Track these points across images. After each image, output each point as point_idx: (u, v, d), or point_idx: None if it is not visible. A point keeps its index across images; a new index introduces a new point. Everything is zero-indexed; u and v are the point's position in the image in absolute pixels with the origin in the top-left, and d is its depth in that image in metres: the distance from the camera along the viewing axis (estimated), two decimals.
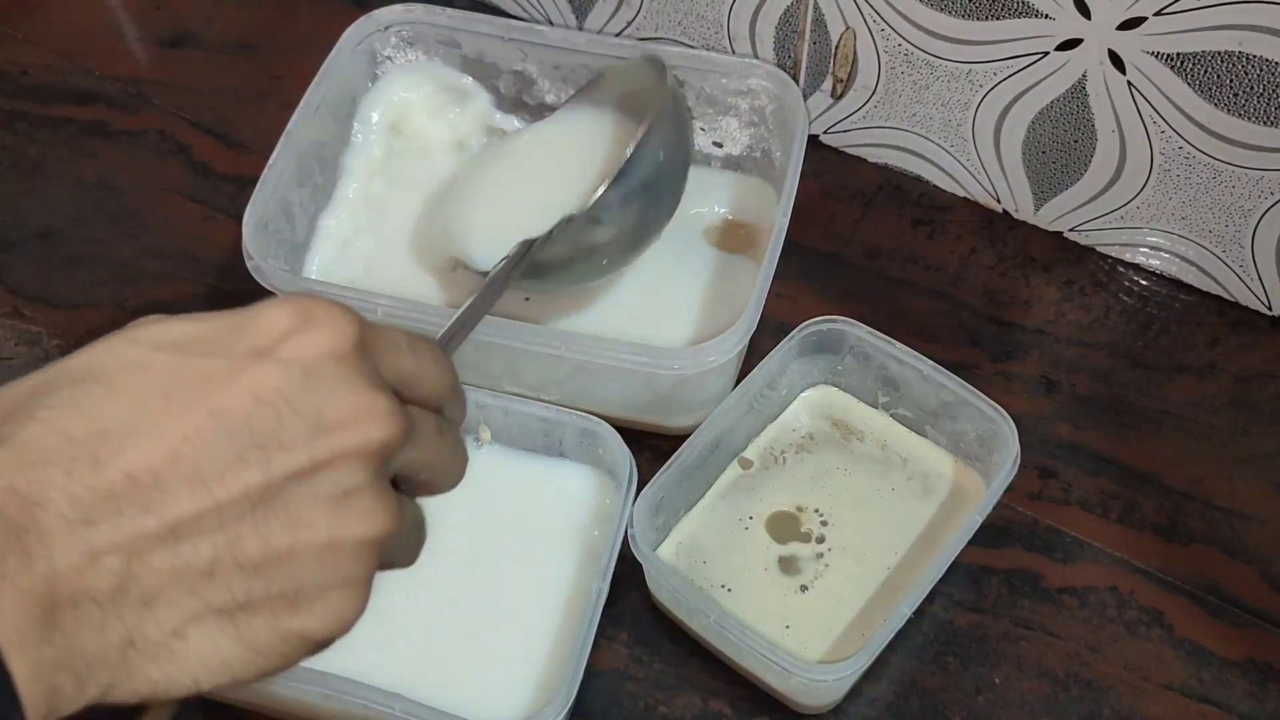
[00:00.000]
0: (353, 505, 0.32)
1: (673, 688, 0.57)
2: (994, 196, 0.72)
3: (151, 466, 0.30)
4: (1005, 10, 0.62)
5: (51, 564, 0.29)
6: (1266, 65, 0.57)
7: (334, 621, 0.33)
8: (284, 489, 0.31)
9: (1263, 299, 0.67)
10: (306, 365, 0.32)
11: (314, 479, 0.32)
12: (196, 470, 0.31)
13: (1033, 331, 0.68)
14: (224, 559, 0.31)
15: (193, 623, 0.31)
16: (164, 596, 0.30)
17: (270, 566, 0.31)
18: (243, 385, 0.32)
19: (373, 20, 0.70)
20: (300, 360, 0.32)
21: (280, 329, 0.33)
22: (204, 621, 0.31)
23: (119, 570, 0.30)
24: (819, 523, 0.60)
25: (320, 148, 0.68)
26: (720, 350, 0.58)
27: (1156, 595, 0.59)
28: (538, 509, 0.60)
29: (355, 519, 0.32)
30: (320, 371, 0.32)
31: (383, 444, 0.33)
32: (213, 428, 0.31)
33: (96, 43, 0.82)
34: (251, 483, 0.31)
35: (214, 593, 0.31)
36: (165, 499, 0.30)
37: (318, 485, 0.32)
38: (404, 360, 0.35)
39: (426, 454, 0.36)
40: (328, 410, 0.32)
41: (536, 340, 0.59)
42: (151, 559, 0.30)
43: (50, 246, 0.72)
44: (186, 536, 0.30)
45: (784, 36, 0.71)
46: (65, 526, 0.29)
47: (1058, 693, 0.57)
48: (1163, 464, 0.63)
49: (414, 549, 0.38)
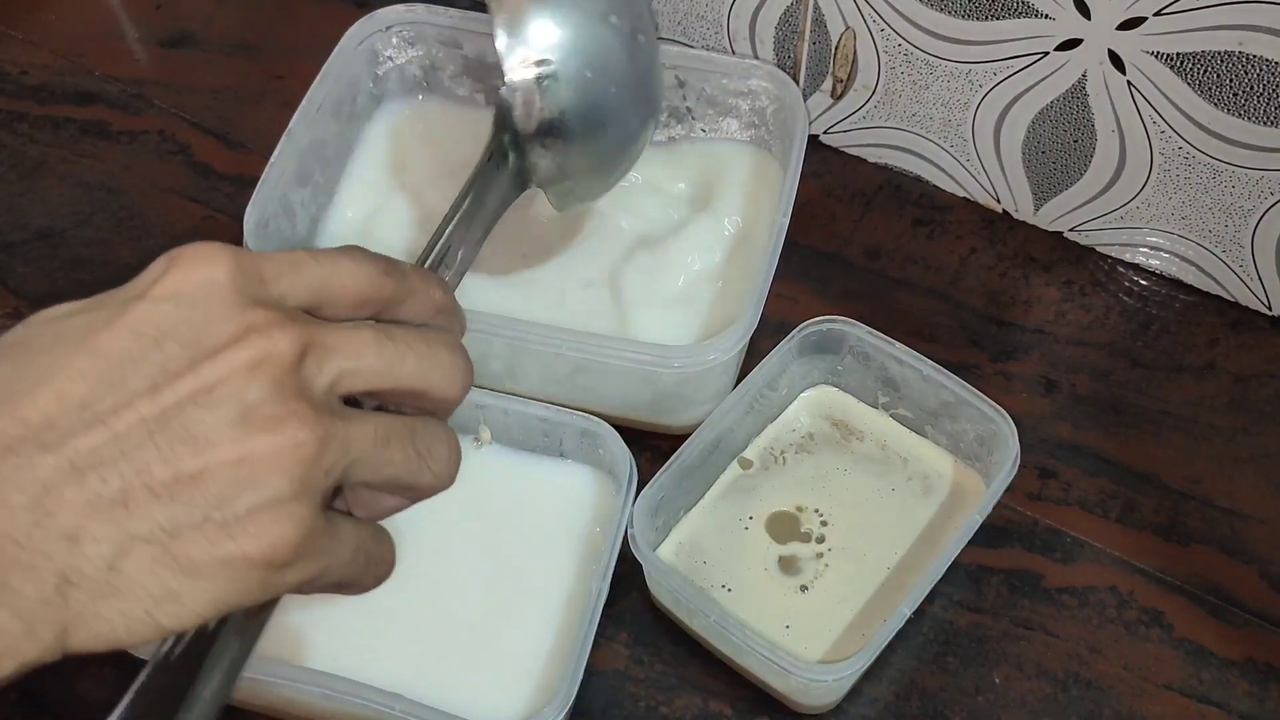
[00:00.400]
0: (255, 419, 0.32)
1: (673, 688, 0.57)
2: (994, 196, 0.72)
3: (41, 409, 0.31)
4: (1005, 10, 0.62)
5: None
6: (1266, 65, 0.57)
7: (272, 541, 0.32)
8: (181, 412, 0.32)
9: (1263, 299, 0.67)
10: (180, 297, 0.33)
11: (211, 399, 0.32)
12: (85, 405, 0.31)
13: (1033, 331, 0.68)
14: (135, 486, 0.31)
15: (123, 555, 0.31)
16: (86, 531, 0.31)
17: (185, 490, 0.32)
18: (120, 325, 0.32)
19: (374, 20, 0.70)
20: (172, 294, 0.33)
21: (153, 276, 0.34)
22: (134, 552, 0.31)
23: (29, 505, 0.31)
24: (819, 523, 0.60)
25: (322, 147, 0.68)
26: (721, 349, 0.58)
27: (1156, 595, 0.59)
28: (538, 509, 0.60)
29: (260, 431, 0.32)
30: (195, 301, 0.33)
31: (274, 355, 0.33)
32: (95, 365, 0.32)
33: (97, 43, 0.82)
34: (145, 410, 0.32)
35: (135, 522, 0.31)
36: (61, 436, 0.31)
37: (216, 406, 0.32)
38: (309, 272, 0.35)
39: (367, 361, 0.35)
40: (208, 335, 0.33)
41: (537, 338, 0.59)
42: (63, 493, 0.31)
43: (51, 247, 0.72)
44: (90, 469, 0.31)
45: (784, 36, 0.71)
46: None
47: (1058, 693, 0.57)
48: (1162, 464, 0.63)
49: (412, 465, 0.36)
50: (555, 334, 0.59)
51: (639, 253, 0.67)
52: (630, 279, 0.66)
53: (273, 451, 0.32)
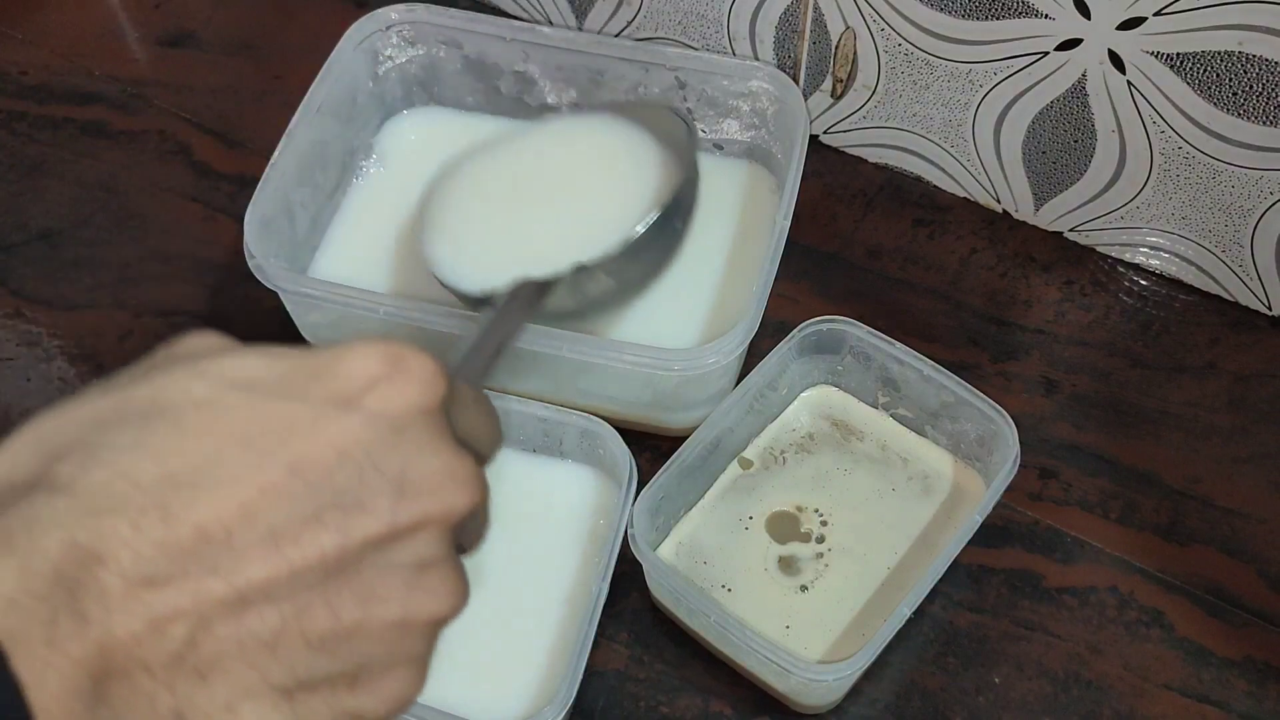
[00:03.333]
0: (428, 580, 0.30)
1: (673, 688, 0.57)
2: (994, 196, 0.72)
3: (224, 521, 0.27)
4: (1005, 10, 0.62)
5: (109, 630, 0.26)
6: (1266, 65, 0.57)
7: (393, 702, 0.30)
8: (360, 557, 0.29)
9: (1262, 299, 0.67)
10: (394, 420, 0.29)
11: (392, 548, 0.29)
12: (271, 529, 0.28)
13: (1033, 331, 0.68)
14: (290, 631, 0.28)
15: (248, 699, 0.28)
16: (221, 668, 0.28)
17: (337, 642, 0.29)
18: (325, 437, 0.29)
19: (374, 20, 0.70)
20: (387, 413, 0.29)
21: (366, 376, 0.30)
22: (259, 698, 0.28)
23: (182, 638, 0.27)
24: (819, 523, 0.60)
25: (322, 147, 0.68)
26: (722, 350, 0.58)
27: (1156, 595, 0.59)
28: (538, 509, 0.60)
29: (429, 595, 0.30)
30: (407, 428, 0.30)
31: (464, 511, 0.30)
32: (291, 482, 0.28)
33: (97, 43, 0.82)
34: (328, 547, 0.28)
35: (275, 668, 0.28)
36: (236, 560, 0.27)
37: (395, 555, 0.29)
38: (469, 417, 0.33)
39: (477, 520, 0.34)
40: (413, 471, 0.29)
41: (539, 340, 0.59)
42: (216, 627, 0.27)
43: (51, 247, 0.72)
44: (254, 604, 0.28)
45: (784, 36, 0.71)
46: (127, 587, 0.26)
47: (1058, 693, 0.57)
48: (1162, 464, 0.63)
49: None
50: (557, 336, 0.59)
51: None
52: None
53: (432, 618, 0.30)
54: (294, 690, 0.29)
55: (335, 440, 0.29)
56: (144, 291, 0.70)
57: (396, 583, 0.29)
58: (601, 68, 0.70)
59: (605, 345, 0.59)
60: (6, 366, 0.67)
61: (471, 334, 0.45)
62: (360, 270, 0.68)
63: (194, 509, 0.27)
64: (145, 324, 0.69)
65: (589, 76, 0.71)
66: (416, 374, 0.30)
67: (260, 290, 0.61)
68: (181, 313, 0.69)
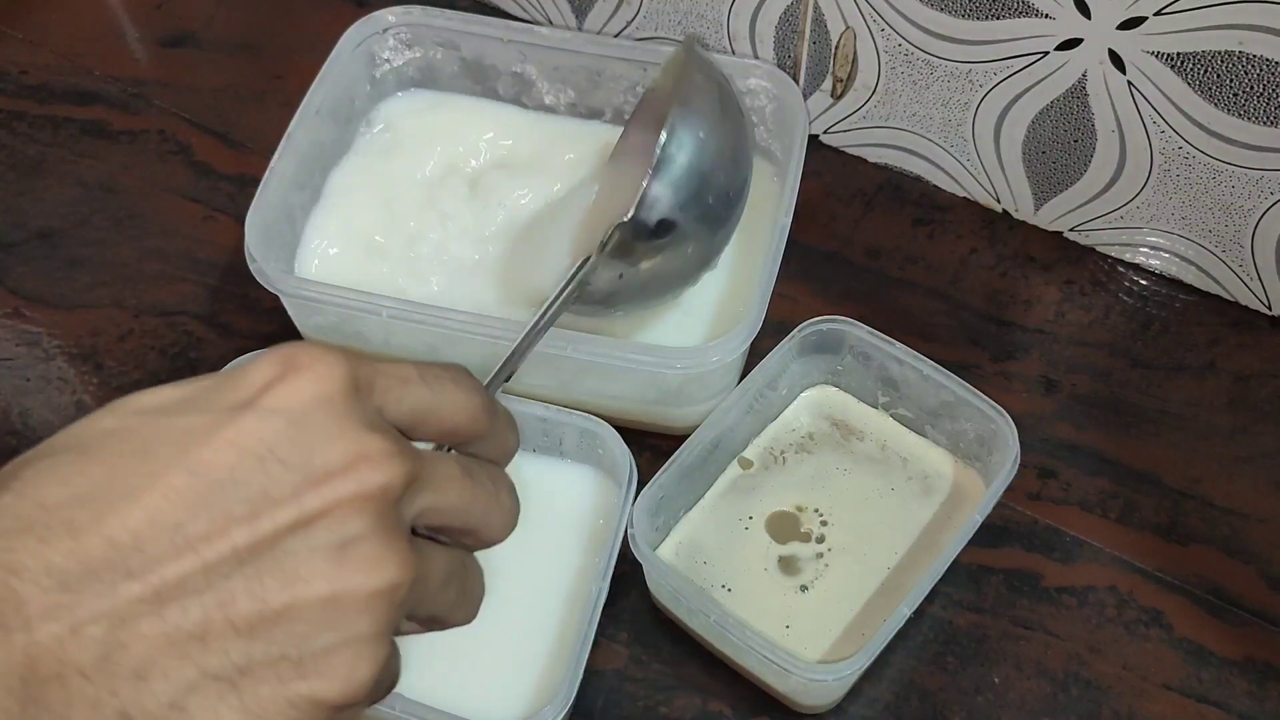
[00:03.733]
0: (353, 555, 0.30)
1: (673, 688, 0.57)
2: (994, 196, 0.72)
3: (131, 529, 0.29)
4: (1005, 10, 0.62)
5: (30, 635, 0.28)
6: (1266, 65, 0.57)
7: (346, 683, 0.30)
8: (276, 543, 0.30)
9: (1262, 299, 0.67)
10: (291, 413, 0.30)
11: (309, 531, 0.30)
12: (178, 529, 0.29)
13: (1033, 331, 0.68)
14: (216, 621, 0.29)
15: (191, 693, 0.29)
16: (157, 666, 0.29)
17: (268, 627, 0.29)
18: (223, 439, 0.30)
19: (371, 22, 0.70)
20: (284, 408, 0.30)
21: (263, 380, 0.31)
22: (202, 690, 0.29)
23: (103, 639, 0.28)
24: (819, 523, 0.60)
25: (320, 150, 0.68)
26: (725, 350, 0.58)
27: (1156, 595, 0.59)
28: (537, 509, 0.60)
29: (357, 570, 0.30)
30: (307, 418, 0.31)
31: (382, 488, 0.31)
32: (193, 484, 0.29)
33: (97, 43, 0.82)
34: (239, 540, 0.29)
35: (210, 658, 0.29)
36: (148, 562, 0.29)
37: (314, 537, 0.30)
38: (414, 393, 0.33)
39: (450, 498, 0.34)
40: (318, 458, 0.30)
41: (542, 341, 0.59)
42: (139, 626, 0.28)
43: (51, 247, 0.72)
44: (174, 600, 0.29)
45: (784, 36, 0.71)
46: (43, 595, 0.28)
47: (1057, 693, 0.57)
48: (1162, 464, 0.63)
49: (458, 604, 0.35)
50: (561, 336, 0.58)
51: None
52: None
53: (366, 592, 0.30)
54: (236, 679, 0.29)
55: (233, 440, 0.30)
56: (144, 291, 0.70)
57: (319, 562, 0.30)
58: (600, 68, 0.70)
59: (609, 345, 0.59)
60: (6, 366, 0.67)
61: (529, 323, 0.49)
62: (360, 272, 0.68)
63: (101, 521, 0.29)
64: (145, 324, 0.69)
65: (587, 77, 0.71)
66: (309, 367, 0.31)
67: (260, 290, 0.61)
68: (181, 313, 0.69)
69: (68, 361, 0.68)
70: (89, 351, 0.68)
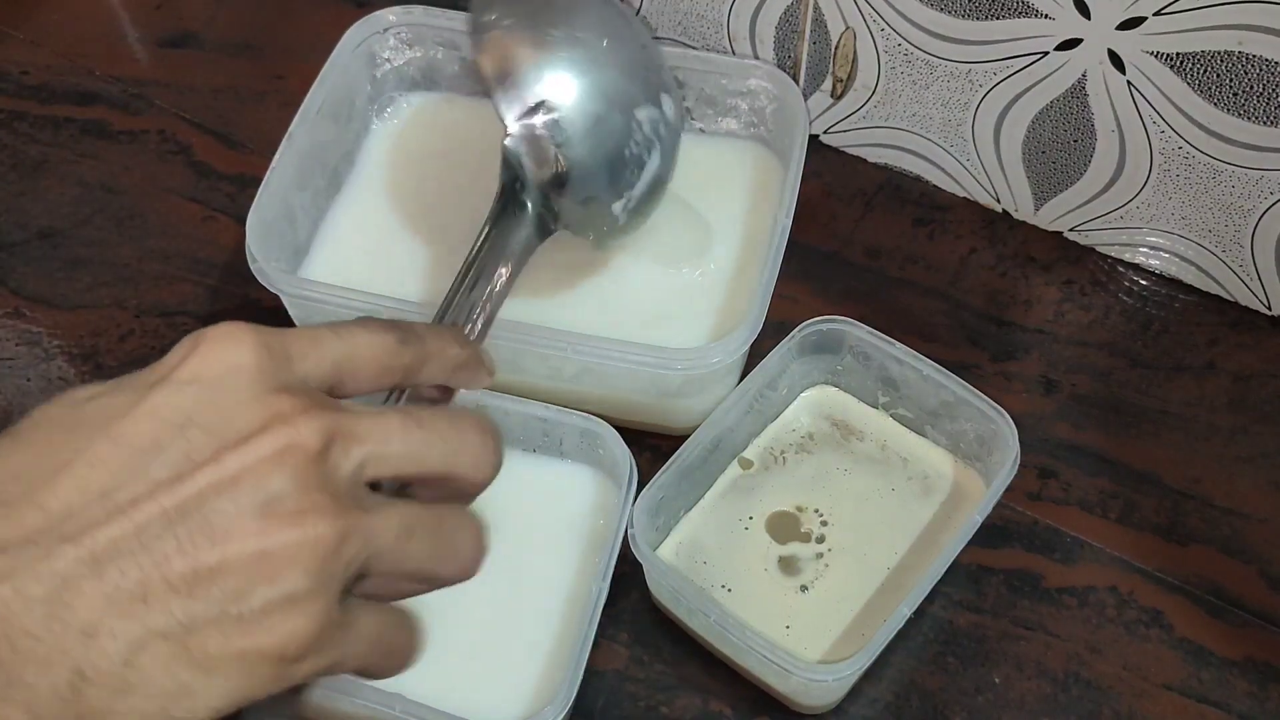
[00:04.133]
0: (277, 511, 0.31)
1: (673, 688, 0.57)
2: (994, 196, 0.72)
3: (62, 497, 0.31)
4: (1005, 10, 0.62)
5: None
6: (1266, 65, 0.57)
7: (286, 636, 0.32)
8: (203, 504, 0.31)
9: (1262, 299, 0.67)
10: (205, 382, 0.32)
11: (235, 492, 0.31)
12: (106, 494, 0.31)
13: (1033, 331, 0.68)
14: (153, 579, 0.30)
15: (141, 650, 0.30)
16: (104, 625, 0.30)
17: (203, 584, 0.31)
18: (142, 410, 0.32)
19: (371, 22, 0.70)
20: (196, 378, 0.32)
21: (178, 357, 0.33)
22: (151, 647, 0.30)
23: (46, 598, 0.30)
24: (819, 523, 0.60)
25: (321, 150, 0.68)
26: (725, 350, 0.58)
27: (1156, 595, 0.59)
28: (537, 509, 0.60)
29: (282, 525, 0.31)
30: (220, 386, 0.32)
31: (300, 445, 0.32)
32: (116, 453, 0.31)
33: (97, 43, 0.82)
34: (166, 502, 0.31)
35: (155, 617, 0.30)
36: (81, 526, 0.30)
37: (239, 497, 0.31)
38: (330, 348, 0.35)
39: (394, 446, 0.34)
40: (236, 422, 0.32)
41: (542, 341, 0.59)
42: (81, 586, 0.30)
43: (51, 247, 0.72)
44: (110, 561, 0.30)
45: (784, 36, 0.71)
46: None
47: (1057, 693, 0.57)
48: (1162, 464, 0.63)
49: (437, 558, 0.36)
50: (561, 336, 0.59)
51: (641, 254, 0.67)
52: (630, 279, 0.66)
53: (292, 546, 0.32)
54: (183, 636, 0.31)
55: (152, 411, 0.32)
56: (144, 291, 0.70)
57: (246, 520, 0.31)
58: None
59: (609, 345, 0.59)
60: (6, 366, 0.67)
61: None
62: (361, 271, 0.68)
63: (34, 493, 0.31)
64: (145, 324, 0.69)
65: None
66: (216, 339, 0.33)
67: (260, 290, 0.61)
68: (181, 313, 0.69)
69: (68, 362, 0.68)
70: (90, 352, 0.68)
